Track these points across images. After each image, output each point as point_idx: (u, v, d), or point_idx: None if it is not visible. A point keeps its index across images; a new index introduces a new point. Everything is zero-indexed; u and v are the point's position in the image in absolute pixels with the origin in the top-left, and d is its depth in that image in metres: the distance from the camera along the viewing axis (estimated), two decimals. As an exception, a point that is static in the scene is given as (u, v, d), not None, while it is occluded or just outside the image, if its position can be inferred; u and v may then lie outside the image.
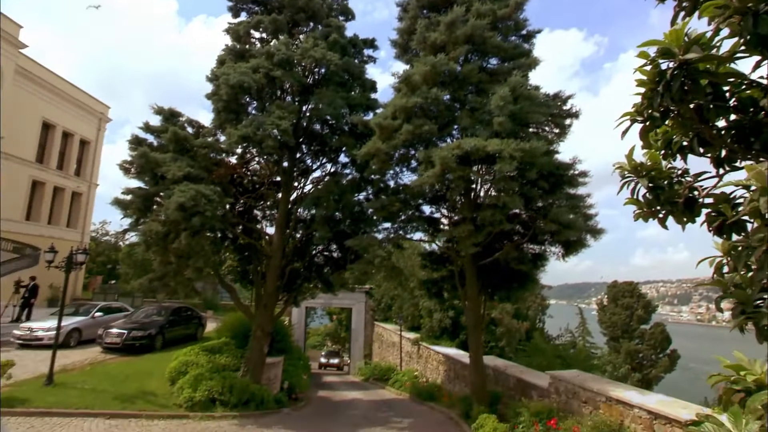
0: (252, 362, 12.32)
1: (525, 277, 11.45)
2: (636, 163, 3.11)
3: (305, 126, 13.47)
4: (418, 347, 19.36)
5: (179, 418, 9.82)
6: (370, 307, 29.96)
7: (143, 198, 11.45)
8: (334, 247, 14.89)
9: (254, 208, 15.07)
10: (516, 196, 9.02)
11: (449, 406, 12.84)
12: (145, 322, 15.91)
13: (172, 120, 12.92)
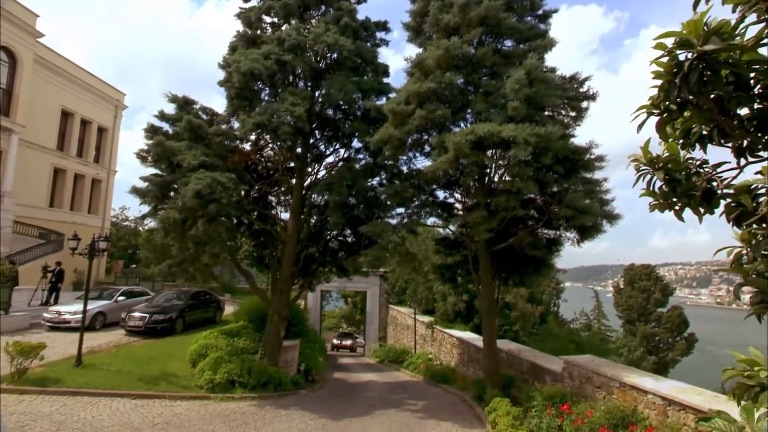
0: (269, 345, 12.63)
1: (539, 263, 11.40)
2: (652, 156, 3.07)
3: (318, 111, 13.44)
4: (432, 330, 19.55)
5: (201, 399, 10.19)
6: (385, 290, 30.23)
7: (160, 186, 11.66)
8: (349, 232, 15.00)
9: (269, 194, 15.22)
10: (530, 181, 8.90)
11: (463, 389, 13.03)
12: (165, 306, 16.38)
13: (186, 108, 13.03)
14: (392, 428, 9.25)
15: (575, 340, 16.02)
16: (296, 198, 13.55)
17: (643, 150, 3.04)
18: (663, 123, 2.77)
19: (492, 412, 8.98)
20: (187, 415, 8.99)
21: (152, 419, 8.52)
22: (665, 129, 2.81)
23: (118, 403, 9.18)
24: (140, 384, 10.22)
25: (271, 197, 15.60)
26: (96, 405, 8.96)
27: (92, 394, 9.42)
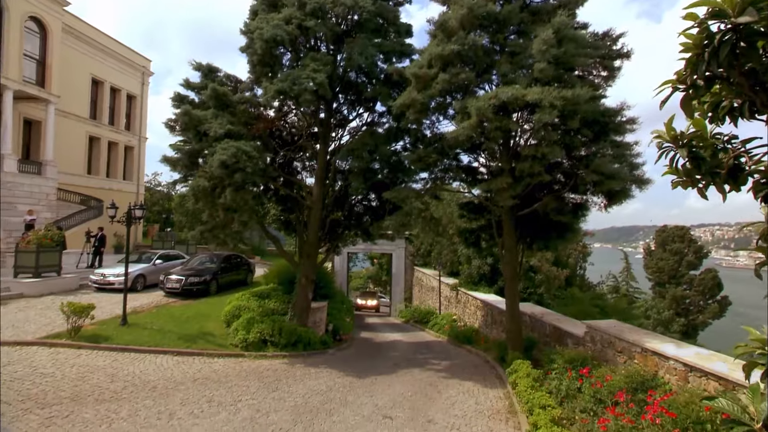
0: (298, 307, 13.20)
1: (564, 228, 11.26)
2: (675, 133, 2.97)
3: (341, 76, 13.27)
4: (456, 292, 19.87)
5: (236, 356, 10.89)
6: (410, 252, 30.64)
7: (189, 155, 11.98)
8: (373, 197, 15.11)
9: (294, 160, 15.39)
10: (556, 146, 8.65)
11: (486, 350, 13.37)
12: (200, 269, 17.21)
13: (210, 76, 13.11)
14: (416, 386, 9.69)
15: (599, 304, 15.96)
16: (320, 164, 13.66)
17: (666, 126, 2.94)
18: (688, 99, 2.67)
19: (513, 373, 9.24)
20: (224, 371, 9.67)
21: (192, 374, 9.22)
22: (691, 105, 2.70)
23: (161, 359, 9.95)
24: (180, 342, 10.99)
25: (296, 163, 15.77)
26: (142, 360, 9.75)
27: (138, 350, 10.23)
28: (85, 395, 7.59)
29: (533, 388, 8.07)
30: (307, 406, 7.95)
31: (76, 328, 10.37)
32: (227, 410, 7.45)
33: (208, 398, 7.93)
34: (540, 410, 6.86)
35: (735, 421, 2.12)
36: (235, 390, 8.50)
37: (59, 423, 6.47)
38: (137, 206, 12.07)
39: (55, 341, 10.09)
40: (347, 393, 8.91)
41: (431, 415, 7.87)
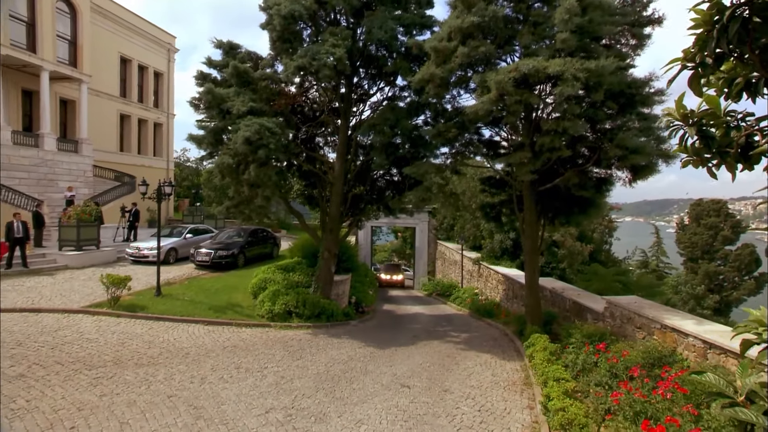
0: (321, 280, 13.62)
1: (586, 203, 11.06)
2: (685, 111, 2.92)
3: (361, 50, 13.15)
4: (478, 266, 19.95)
5: (262, 326, 11.43)
6: (433, 226, 30.70)
7: (213, 132, 12.28)
8: (395, 172, 15.18)
9: (316, 135, 15.54)
10: (578, 120, 8.42)
11: (505, 324, 13.53)
12: (228, 243, 17.86)
13: (231, 53, 13.23)
14: (434, 357, 9.98)
15: (621, 279, 15.72)
16: (342, 139, 13.75)
17: (676, 104, 2.89)
18: (697, 77, 2.61)
19: (530, 346, 9.37)
20: (252, 340, 10.20)
21: (222, 342, 9.78)
22: (699, 83, 2.64)
23: (193, 328, 10.57)
24: (210, 312, 11.59)
25: (318, 138, 15.93)
26: (176, 329, 10.38)
27: (172, 319, 10.87)
28: (126, 359, 8.20)
29: (549, 361, 8.19)
30: (328, 374, 8.35)
31: (116, 298, 11.08)
32: (254, 376, 7.92)
33: (236, 365, 8.43)
34: (554, 383, 7.00)
35: (719, 394, 2.19)
36: (262, 358, 8.99)
37: (105, 383, 7.06)
38: (166, 183, 12.56)
39: (97, 310, 10.85)
40: (367, 362, 9.28)
41: (448, 385, 8.14)
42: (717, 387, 2.19)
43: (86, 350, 8.50)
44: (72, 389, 6.78)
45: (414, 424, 6.45)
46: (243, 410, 6.49)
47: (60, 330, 9.53)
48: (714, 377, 2.22)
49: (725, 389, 2.16)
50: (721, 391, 2.17)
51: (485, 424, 6.57)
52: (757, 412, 1.99)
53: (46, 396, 6.51)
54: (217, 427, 5.92)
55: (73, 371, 7.46)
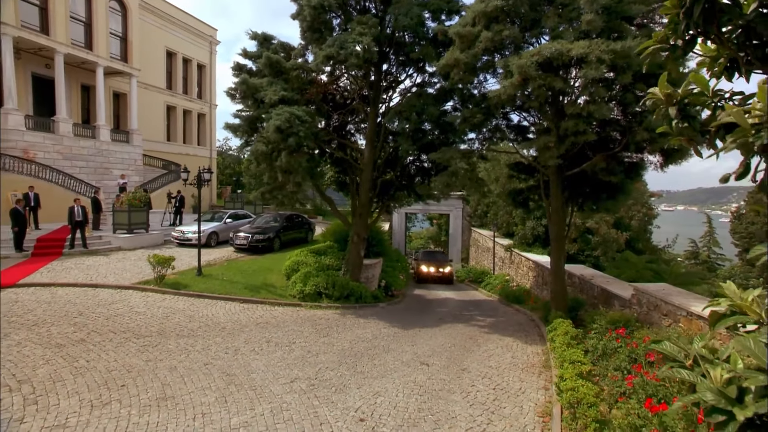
0: (351, 263, 14.09)
1: (615, 189, 10.78)
2: (668, 91, 3.00)
3: (389, 37, 13.28)
4: (510, 253, 19.82)
5: (294, 306, 12.06)
6: (467, 213, 30.56)
7: (248, 121, 12.90)
8: (425, 158, 15.32)
9: (347, 123, 15.91)
10: (603, 103, 8.24)
11: (533, 310, 13.51)
12: (265, 227, 18.71)
13: (265, 44, 13.74)
14: (456, 339, 10.21)
15: (653, 267, 15.15)
16: (371, 126, 14.03)
17: (660, 83, 2.96)
18: (671, 59, 2.67)
19: (552, 331, 9.41)
20: (283, 318, 10.83)
21: (256, 319, 10.46)
22: (675, 65, 2.71)
23: (230, 305, 11.33)
24: (246, 291, 12.34)
25: (350, 126, 16.29)
26: (214, 305, 11.18)
27: (211, 297, 11.69)
28: (169, 331, 9.00)
29: (569, 345, 8.23)
30: (352, 351, 8.79)
31: (161, 277, 12.03)
32: (283, 349, 8.49)
33: (267, 339, 9.05)
34: (569, 365, 7.08)
35: (671, 359, 2.35)
36: (291, 334, 9.56)
37: (150, 350, 7.83)
38: (205, 170, 13.37)
39: (145, 287, 11.84)
40: (390, 341, 9.66)
41: (466, 365, 8.38)
42: (671, 353, 2.33)
43: (135, 321, 9.38)
44: (123, 354, 7.59)
45: (429, 398, 6.76)
46: (270, 379, 7.04)
47: (113, 303, 10.53)
48: (669, 344, 2.36)
49: (677, 355, 2.30)
50: (674, 356, 2.31)
51: (498, 402, 6.79)
52: (696, 373, 2.14)
53: (102, 358, 7.33)
54: (246, 392, 6.49)
55: (123, 339, 8.31)
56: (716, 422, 1.98)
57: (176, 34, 30.76)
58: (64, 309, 9.88)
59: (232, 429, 5.48)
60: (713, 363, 2.19)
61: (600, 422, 5.50)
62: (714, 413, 1.98)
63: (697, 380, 2.11)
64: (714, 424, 1.99)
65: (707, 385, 2.07)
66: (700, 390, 2.09)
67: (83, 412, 5.65)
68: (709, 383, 2.08)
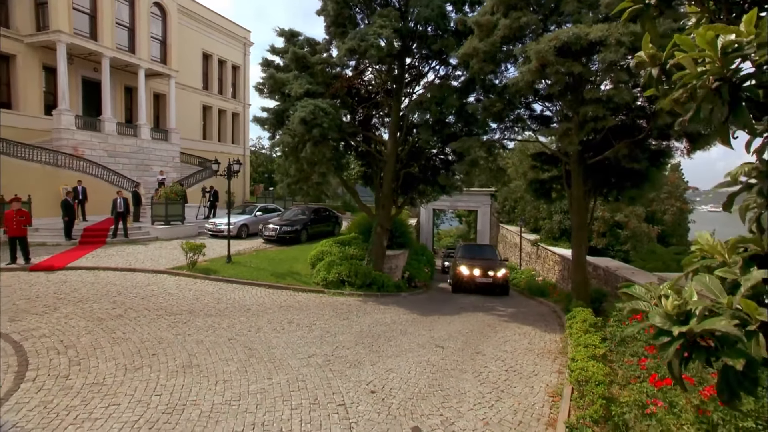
0: (374, 253, 14.36)
1: (639, 177, 10.51)
2: (652, 52, 3.07)
3: (412, 30, 13.45)
4: (537, 248, 19.57)
5: (317, 292, 12.44)
6: (495, 209, 30.26)
7: (275, 114, 13.41)
8: (448, 151, 15.40)
9: (372, 117, 16.20)
10: (624, 88, 8.12)
11: (556, 302, 13.34)
12: (293, 220, 19.29)
13: (292, 41, 14.22)
14: (474, 326, 10.28)
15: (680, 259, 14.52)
16: (393, 118, 14.25)
17: (643, 44, 3.04)
18: (645, 19, 2.75)
19: (571, 319, 9.33)
20: (305, 302, 11.22)
21: (279, 303, 10.90)
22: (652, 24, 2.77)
23: (256, 290, 11.84)
24: (272, 278, 12.85)
25: (374, 120, 16.59)
26: (241, 290, 11.72)
27: (239, 282, 12.25)
28: (198, 310, 9.55)
29: (586, 331, 8.17)
30: (370, 333, 9.05)
31: (193, 262, 12.71)
32: (303, 329, 8.85)
33: (289, 320, 9.44)
34: (583, 348, 7.06)
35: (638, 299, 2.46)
36: (312, 316, 9.93)
37: (179, 326, 8.37)
38: (235, 161, 14.00)
39: (178, 272, 12.55)
40: (408, 326, 9.85)
41: (481, 349, 8.47)
42: (638, 294, 2.44)
43: (168, 301, 10.01)
44: (155, 328, 8.16)
45: (440, 376, 6.92)
46: (289, 354, 7.39)
47: (149, 285, 11.25)
48: (638, 287, 2.47)
49: (644, 295, 2.41)
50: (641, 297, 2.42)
51: (509, 382, 6.86)
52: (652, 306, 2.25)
53: (136, 331, 7.92)
54: (265, 364, 6.86)
55: (156, 315, 8.91)
56: (660, 344, 2.11)
57: (212, 36, 32.05)
58: (105, 289, 10.66)
59: (250, 394, 5.84)
60: (669, 297, 2.28)
61: (607, 399, 5.51)
62: (660, 336, 2.11)
63: (650, 309, 2.22)
64: (658, 346, 2.11)
65: (657, 311, 2.19)
66: (651, 316, 2.21)
67: (118, 374, 6.17)
68: (660, 310, 2.20)
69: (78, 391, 5.60)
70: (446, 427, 5.32)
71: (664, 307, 2.25)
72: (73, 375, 6.05)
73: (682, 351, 2.22)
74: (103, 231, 16.86)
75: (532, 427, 5.49)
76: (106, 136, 23.38)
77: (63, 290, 10.38)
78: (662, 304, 2.33)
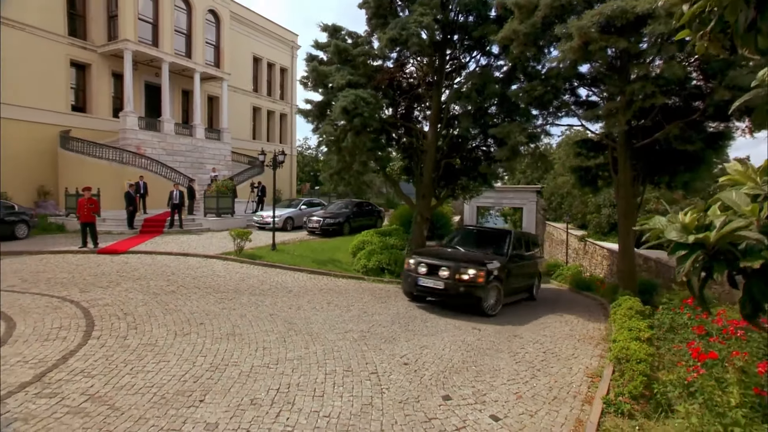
0: (414, 243, 14.42)
1: (693, 159, 9.83)
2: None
3: (453, 20, 13.42)
4: (584, 243, 18.82)
5: (357, 279, 12.68)
6: (541, 206, 29.35)
7: (318, 106, 13.83)
8: (490, 142, 15.20)
9: (413, 109, 16.30)
10: (675, 62, 7.68)
11: (603, 296, 12.77)
12: (336, 213, 19.75)
13: (335, 35, 14.60)
14: (513, 313, 10.08)
15: None
16: (434, 108, 14.26)
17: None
18: None
19: (616, 307, 8.94)
20: (345, 287, 11.48)
21: (320, 286, 11.22)
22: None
23: (298, 275, 12.26)
24: (314, 264, 13.25)
25: (416, 112, 16.66)
26: (284, 274, 12.18)
27: (282, 267, 12.75)
28: (243, 290, 10.05)
29: (631, 318, 7.81)
30: (407, 314, 9.13)
31: (240, 248, 13.37)
32: (341, 309, 9.09)
33: (328, 301, 9.72)
34: (626, 331, 6.76)
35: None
36: (350, 298, 10.16)
37: (225, 302, 8.87)
38: (280, 152, 14.60)
39: (226, 257, 13.26)
40: (445, 309, 9.82)
41: (519, 333, 8.32)
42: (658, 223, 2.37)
43: (216, 281, 10.61)
44: (203, 303, 8.69)
45: (475, 354, 6.89)
46: (327, 329, 7.63)
47: (200, 268, 11.97)
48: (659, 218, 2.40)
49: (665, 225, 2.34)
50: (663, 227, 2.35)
51: (546, 362, 6.72)
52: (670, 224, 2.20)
53: (186, 305, 8.47)
54: (303, 336, 7.13)
55: (205, 293, 9.48)
56: (677, 258, 2.06)
57: (262, 40, 33.46)
58: (160, 269, 11.47)
59: (287, 360, 6.11)
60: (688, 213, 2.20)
61: (649, 377, 5.27)
62: (677, 249, 2.07)
63: (667, 225, 2.16)
64: (677, 259, 2.07)
65: (674, 225, 2.14)
66: (667, 232, 2.16)
67: (169, 338, 6.66)
68: (677, 224, 2.15)
69: (134, 349, 6.11)
70: (477, 397, 5.31)
71: (681, 221, 2.20)
72: (130, 336, 6.60)
73: (701, 266, 2.16)
74: (161, 222, 18.09)
75: (568, 402, 5.36)
76: (165, 135, 25.03)
77: (124, 270, 11.28)
78: (680, 220, 2.27)
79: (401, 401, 5.04)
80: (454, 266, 9.13)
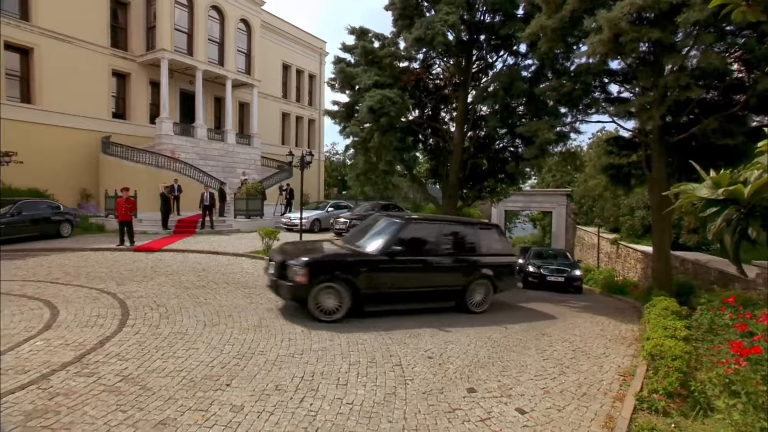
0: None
1: (734, 154, 9.36)
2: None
3: (480, 21, 13.38)
4: (616, 247, 18.21)
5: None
6: (572, 210, 28.63)
7: (345, 107, 14.02)
8: (519, 142, 15.00)
9: (440, 110, 16.30)
10: (712, 52, 7.37)
11: (636, 298, 12.31)
12: (362, 215, 19.81)
13: (362, 37, 14.81)
14: (542, 313, 9.85)
15: None
16: (460, 108, 14.21)
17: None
18: None
19: (650, 308, 8.60)
20: (370, 285, 11.50)
21: (346, 284, 11.28)
22: None
23: (324, 273, 12.37)
24: (340, 263, 13.33)
25: (443, 113, 16.65)
26: (311, 272, 12.31)
27: (309, 266, 12.89)
28: (271, 286, 10.22)
29: (667, 318, 7.50)
30: (431, 310, 9.06)
31: (268, 247, 13.61)
32: (366, 305, 9.08)
33: (353, 297, 9.74)
34: (661, 329, 6.49)
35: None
36: (376, 296, 10.15)
37: (253, 297, 9.06)
38: (308, 153, 14.86)
39: (254, 255, 13.54)
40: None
41: (548, 331, 8.12)
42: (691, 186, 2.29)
43: (245, 278, 10.85)
44: (232, 297, 8.90)
45: (501, 350, 6.77)
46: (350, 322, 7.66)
47: (229, 265, 12.27)
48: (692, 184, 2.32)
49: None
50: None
51: (576, 360, 6.53)
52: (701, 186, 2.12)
53: (216, 298, 8.70)
54: (327, 328, 7.19)
55: (234, 288, 9.71)
56: (708, 215, 1.99)
57: (291, 48, 34.24)
58: (192, 266, 11.83)
59: (312, 350, 6.17)
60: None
61: (684, 373, 5.03)
62: (708, 206, 2.01)
63: (697, 187, 2.09)
64: (707, 217, 2.00)
65: (705, 183, 2.08)
66: (697, 191, 2.09)
67: (198, 327, 6.85)
68: (708, 182, 2.08)
69: (165, 337, 6.32)
70: (503, 391, 5.21)
71: (713, 179, 2.12)
72: (162, 325, 6.83)
73: (735, 223, 2.08)
74: (193, 223, 18.68)
75: (598, 399, 5.19)
76: (198, 140, 25.89)
77: (158, 266, 11.70)
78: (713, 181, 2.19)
79: (425, 392, 5.01)
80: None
